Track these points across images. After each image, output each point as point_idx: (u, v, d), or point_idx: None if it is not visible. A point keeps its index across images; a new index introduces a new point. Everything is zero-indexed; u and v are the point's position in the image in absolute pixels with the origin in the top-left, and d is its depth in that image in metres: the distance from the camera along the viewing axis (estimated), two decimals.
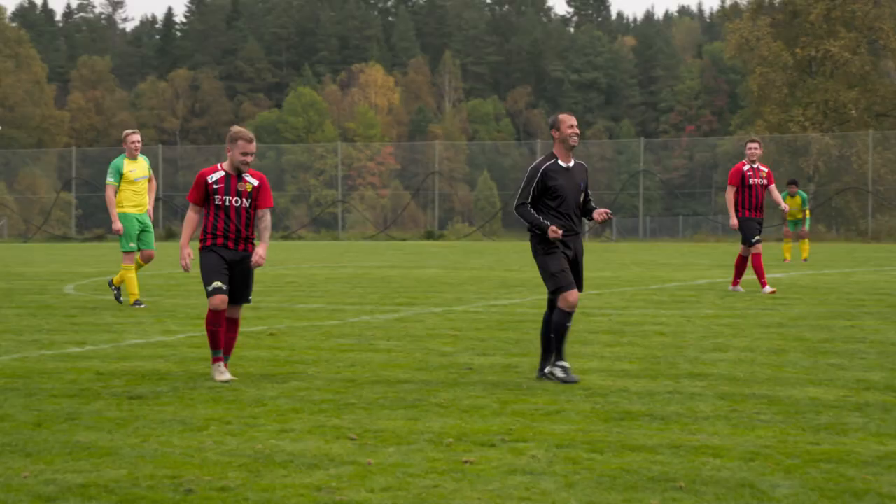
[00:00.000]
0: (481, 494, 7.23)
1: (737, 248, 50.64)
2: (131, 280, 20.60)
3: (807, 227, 37.79)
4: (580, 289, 11.87)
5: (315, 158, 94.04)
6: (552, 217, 11.69)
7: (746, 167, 22.69)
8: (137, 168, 20.70)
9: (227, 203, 11.96)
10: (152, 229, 20.93)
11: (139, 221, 20.65)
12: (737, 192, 22.62)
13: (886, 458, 8.17)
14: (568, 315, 11.67)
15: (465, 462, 8.09)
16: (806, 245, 37.24)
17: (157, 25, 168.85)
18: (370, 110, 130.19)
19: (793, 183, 37.56)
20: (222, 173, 12.01)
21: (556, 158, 11.79)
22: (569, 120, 11.85)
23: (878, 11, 72.02)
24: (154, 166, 77.75)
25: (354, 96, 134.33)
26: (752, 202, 22.63)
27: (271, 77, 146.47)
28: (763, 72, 73.43)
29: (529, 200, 11.66)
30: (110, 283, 20.98)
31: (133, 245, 20.66)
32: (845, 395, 10.80)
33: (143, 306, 20.32)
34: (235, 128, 12.13)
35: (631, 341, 14.95)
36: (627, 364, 12.87)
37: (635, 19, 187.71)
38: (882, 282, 25.70)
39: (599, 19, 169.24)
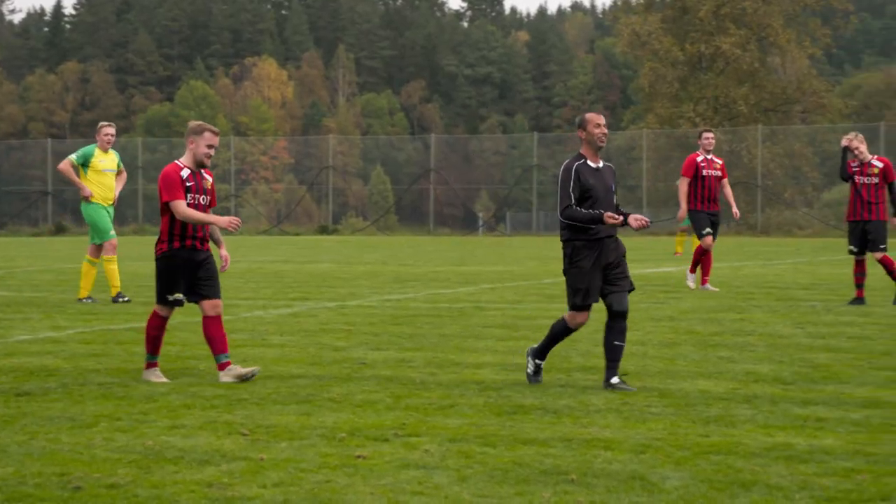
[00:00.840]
0: (374, 489, 7.22)
1: (631, 242, 51.17)
2: (92, 275, 20.39)
3: None
4: (632, 286, 11.23)
5: None
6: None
7: (700, 158, 22.05)
8: (107, 161, 20.50)
9: (196, 202, 11.53)
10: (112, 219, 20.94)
11: (107, 213, 20.56)
12: (690, 184, 21.92)
13: (774, 449, 8.29)
14: (568, 332, 11.28)
15: (358, 457, 8.07)
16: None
17: (45, 17, 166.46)
18: (263, 104, 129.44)
19: None
20: (188, 170, 11.56)
21: (585, 159, 11.15)
22: (596, 119, 11.20)
23: (766, 9, 73.02)
24: (43, 161, 76.64)
25: (247, 90, 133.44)
26: (704, 194, 21.94)
27: (163, 70, 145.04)
28: (654, 67, 74.14)
29: (574, 202, 10.93)
30: (115, 299, 20.53)
31: (112, 233, 20.53)
32: (734, 388, 10.94)
33: (92, 301, 20.14)
34: (197, 122, 11.79)
35: (524, 335, 15.02)
36: (521, 358, 12.92)
37: (529, 14, 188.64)
38: (771, 275, 26.08)
39: (493, 14, 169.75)
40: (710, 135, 22.46)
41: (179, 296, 11.58)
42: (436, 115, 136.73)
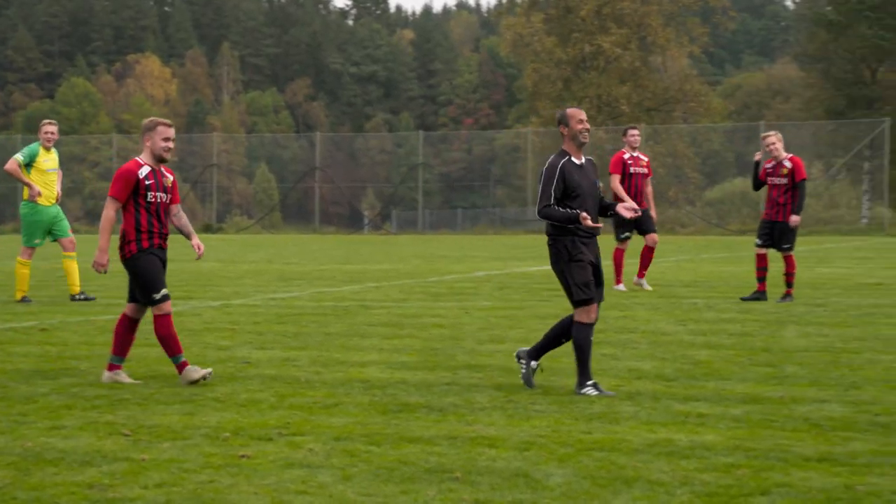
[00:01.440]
0: (257, 489, 7.17)
1: (516, 240, 51.27)
2: (25, 276, 20.06)
3: None
4: (601, 297, 11.05)
5: (89, 150, 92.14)
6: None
7: (627, 155, 21.74)
8: (50, 160, 20.14)
9: (158, 200, 11.31)
10: (65, 216, 20.51)
11: (52, 215, 20.16)
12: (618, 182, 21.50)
13: (656, 445, 8.37)
14: (590, 328, 10.80)
15: (242, 456, 8.02)
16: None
17: None
18: (146, 101, 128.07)
19: None
20: (149, 167, 11.30)
21: (570, 156, 10.84)
22: (578, 115, 10.83)
23: (646, 9, 73.75)
24: None
25: (130, 87, 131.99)
26: (631, 192, 21.66)
27: (43, 67, 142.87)
28: (537, 67, 74.53)
29: (553, 201, 10.75)
30: (74, 297, 20.21)
31: (38, 241, 20.19)
32: (618, 384, 11.03)
33: (30, 302, 19.77)
34: (149, 118, 11.57)
35: (410, 333, 15.02)
36: (406, 356, 12.92)
37: (414, 13, 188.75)
38: (655, 273, 26.32)
39: (378, 12, 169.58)
40: (635, 131, 22.13)
41: (167, 291, 11.35)
42: (321, 113, 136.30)
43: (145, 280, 11.28)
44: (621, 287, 21.63)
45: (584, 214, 10.63)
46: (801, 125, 65.62)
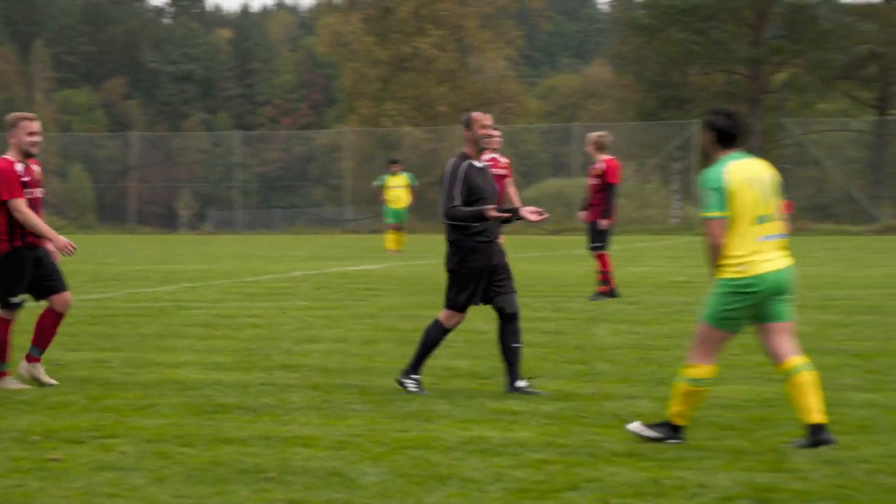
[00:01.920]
0: (67, 492, 7.05)
1: (334, 240, 51.18)
2: None
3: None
4: (512, 306, 10.90)
5: None
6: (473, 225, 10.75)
7: (487, 156, 21.18)
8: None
9: (34, 196, 10.94)
10: None
11: None
12: None
13: (470, 443, 8.45)
14: (445, 332, 10.82)
15: (52, 460, 7.87)
16: (401, 236, 37.32)
17: None
18: None
19: (394, 162, 37.93)
20: (21, 164, 10.93)
21: (470, 159, 10.81)
22: (483, 119, 10.87)
23: (463, 10, 74.30)
24: None
25: None
26: None
27: None
28: (356, 67, 74.48)
29: (459, 203, 10.63)
30: None
31: None
32: (433, 383, 11.10)
33: None
34: (11, 114, 11.14)
35: (225, 334, 14.91)
36: (221, 357, 12.83)
37: (232, 12, 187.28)
38: None
39: (196, 11, 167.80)
40: (497, 132, 21.72)
41: (23, 297, 11.03)
42: (137, 112, 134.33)
43: (5, 280, 11.02)
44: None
45: (490, 207, 10.61)
46: (614, 126, 66.79)
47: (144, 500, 6.91)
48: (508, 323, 10.84)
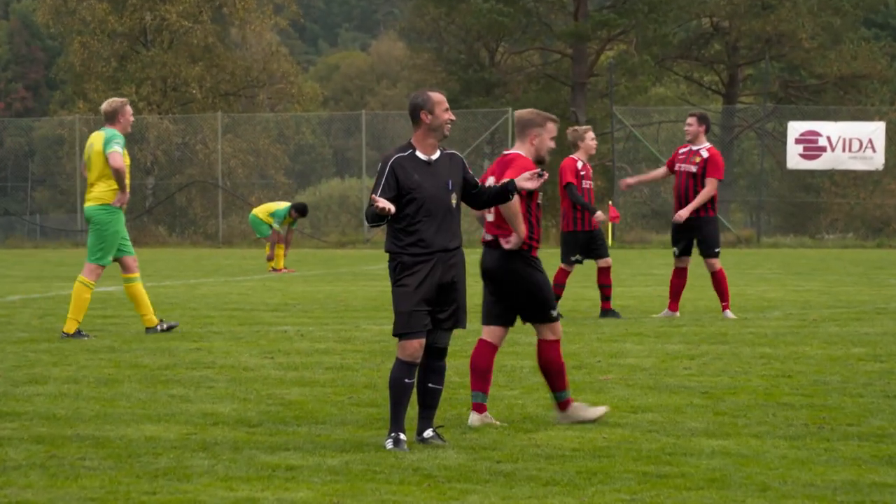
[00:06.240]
0: None
1: (62, 255, 50.42)
2: (85, 303, 18.71)
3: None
4: (462, 324, 10.81)
5: None
6: (405, 234, 10.50)
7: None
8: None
9: None
10: None
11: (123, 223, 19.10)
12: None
13: None
14: (408, 367, 10.53)
15: None
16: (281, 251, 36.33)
17: None
18: None
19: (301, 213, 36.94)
20: None
21: (414, 150, 10.67)
22: (445, 102, 10.75)
23: None
24: None
25: None
26: (673, 193, 21.09)
27: None
28: (85, 41, 73.42)
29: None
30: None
31: (110, 259, 18.81)
32: (189, 433, 11.00)
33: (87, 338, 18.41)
34: None
35: None
36: None
37: None
38: (234, 294, 26.42)
39: None
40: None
41: None
42: None
43: None
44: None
45: (375, 196, 10.39)
46: (406, 115, 67.11)
47: None
48: (431, 358, 10.77)
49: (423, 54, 77.24)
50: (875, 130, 55.61)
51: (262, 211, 36.34)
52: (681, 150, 20.99)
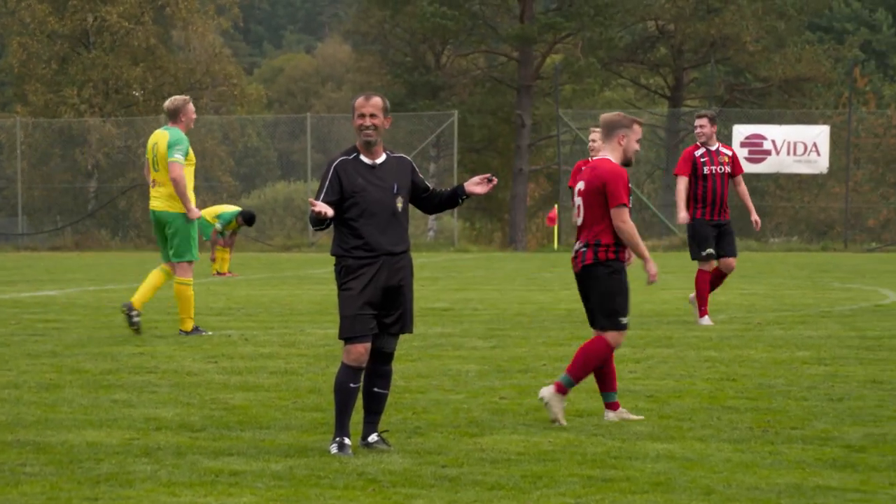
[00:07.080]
0: None
1: (3, 259, 50.18)
2: (191, 299, 19.22)
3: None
4: (408, 329, 10.75)
5: None
6: (350, 237, 10.47)
7: (700, 151, 20.55)
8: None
9: None
10: None
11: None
12: (689, 185, 20.41)
13: None
14: (354, 373, 10.46)
15: None
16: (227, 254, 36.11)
17: None
18: None
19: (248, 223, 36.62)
20: None
21: (358, 153, 10.61)
22: (361, 107, 10.61)
23: None
24: None
25: None
26: (707, 197, 20.57)
27: None
28: (25, 42, 72.95)
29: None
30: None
31: (197, 252, 19.28)
32: (131, 438, 10.96)
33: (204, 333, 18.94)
34: None
35: None
36: None
37: None
38: (167, 299, 26.29)
39: None
40: (704, 121, 20.75)
41: None
42: None
43: None
44: (706, 321, 20.43)
45: (313, 200, 10.34)
46: (350, 118, 67.06)
47: None
48: (377, 363, 10.71)
49: (368, 57, 77.16)
50: (819, 134, 55.96)
51: (208, 213, 36.18)
52: (696, 153, 20.44)
